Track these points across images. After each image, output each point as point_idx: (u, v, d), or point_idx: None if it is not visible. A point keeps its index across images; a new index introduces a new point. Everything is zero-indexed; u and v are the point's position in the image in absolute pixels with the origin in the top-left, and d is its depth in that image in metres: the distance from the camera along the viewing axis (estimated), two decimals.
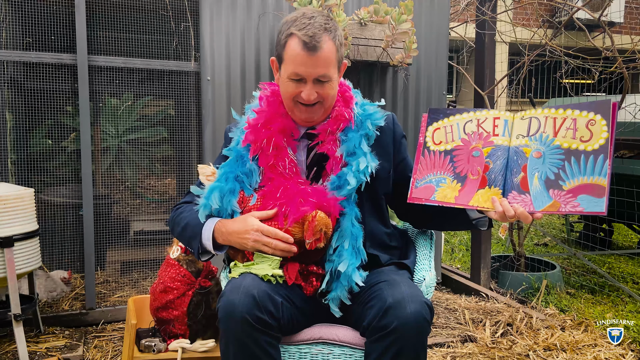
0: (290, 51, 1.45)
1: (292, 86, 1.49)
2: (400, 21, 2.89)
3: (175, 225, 1.60)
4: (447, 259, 4.59)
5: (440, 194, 1.45)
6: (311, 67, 1.45)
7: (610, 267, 4.36)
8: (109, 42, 3.04)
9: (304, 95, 1.48)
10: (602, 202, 1.26)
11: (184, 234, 1.56)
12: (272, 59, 1.57)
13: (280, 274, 1.42)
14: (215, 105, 2.93)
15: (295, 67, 1.45)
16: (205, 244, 1.50)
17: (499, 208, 1.35)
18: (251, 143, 1.54)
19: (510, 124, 1.42)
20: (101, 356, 2.48)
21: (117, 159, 3.47)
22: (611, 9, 7.50)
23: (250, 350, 1.32)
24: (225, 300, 1.34)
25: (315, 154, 1.57)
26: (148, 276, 3.17)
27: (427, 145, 1.50)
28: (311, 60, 1.44)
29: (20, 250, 2.35)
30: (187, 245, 1.58)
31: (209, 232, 1.49)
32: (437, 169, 1.48)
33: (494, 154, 1.42)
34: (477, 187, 1.41)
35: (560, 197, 1.31)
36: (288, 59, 1.47)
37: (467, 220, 1.52)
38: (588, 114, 1.33)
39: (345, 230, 1.49)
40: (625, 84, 3.10)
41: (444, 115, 1.51)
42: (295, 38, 1.45)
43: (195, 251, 1.53)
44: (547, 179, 1.34)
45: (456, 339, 2.66)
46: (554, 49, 3.53)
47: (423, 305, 1.33)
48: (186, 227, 1.54)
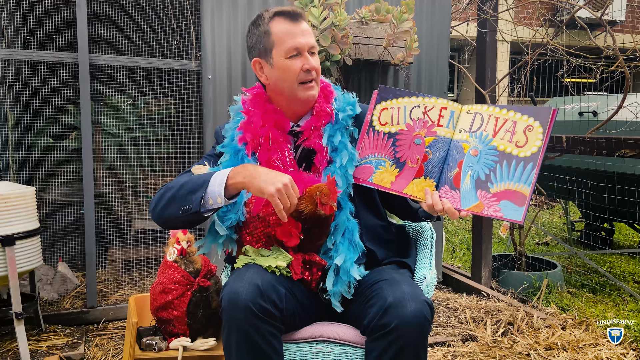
0: (278, 31, 1.51)
1: (294, 62, 1.51)
2: (402, 20, 2.89)
3: (167, 190, 1.46)
4: (448, 258, 4.59)
5: (377, 177, 1.46)
6: (302, 37, 1.51)
7: (611, 267, 4.36)
8: (110, 40, 3.04)
9: (307, 65, 1.51)
10: (521, 211, 1.27)
11: (180, 192, 1.42)
12: (254, 61, 1.58)
13: (284, 265, 1.42)
14: (216, 103, 2.93)
15: (291, 40, 1.50)
16: (212, 191, 1.37)
17: (429, 200, 1.38)
18: (248, 141, 1.55)
19: (456, 117, 1.42)
20: (102, 354, 2.48)
21: (118, 157, 3.47)
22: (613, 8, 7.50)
23: (253, 339, 1.31)
24: (229, 289, 1.34)
25: (302, 150, 1.58)
26: (149, 275, 3.18)
27: (373, 124, 1.49)
28: (300, 29, 1.51)
29: (21, 248, 2.35)
30: (181, 205, 1.41)
31: (222, 175, 1.39)
32: (379, 150, 1.48)
33: (435, 144, 1.42)
34: (413, 175, 1.42)
35: (485, 199, 1.32)
36: (279, 40, 1.51)
37: (413, 211, 1.55)
38: (528, 118, 1.33)
39: (340, 225, 1.50)
40: (626, 83, 3.10)
41: (393, 96, 1.48)
42: (277, 18, 1.51)
43: (194, 203, 1.38)
44: (478, 178, 1.35)
45: (457, 338, 2.66)
46: (555, 47, 3.53)
47: (423, 304, 1.33)
48: (186, 183, 1.42)
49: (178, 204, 1.42)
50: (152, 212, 1.50)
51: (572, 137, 3.03)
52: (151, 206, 1.50)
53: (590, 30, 3.44)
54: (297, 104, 1.57)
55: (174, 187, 1.45)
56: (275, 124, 1.56)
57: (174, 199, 1.44)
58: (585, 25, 3.42)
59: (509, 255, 3.89)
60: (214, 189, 1.38)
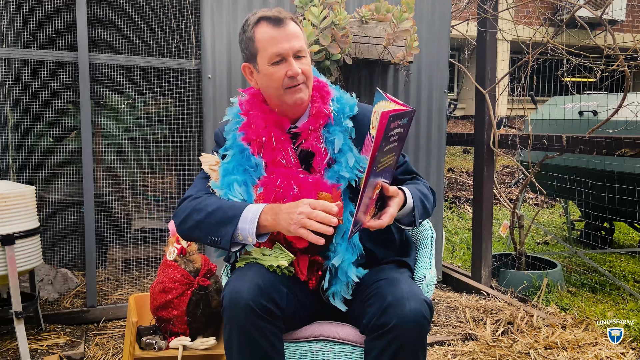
0: (261, 38, 1.49)
1: (277, 69, 1.49)
2: (402, 19, 2.89)
3: (194, 212, 1.44)
4: (447, 258, 4.59)
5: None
6: (286, 42, 1.48)
7: (611, 266, 4.36)
8: (109, 39, 3.04)
9: (291, 71, 1.48)
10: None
11: (209, 220, 1.40)
12: (243, 65, 1.57)
13: (286, 264, 1.42)
14: (216, 103, 2.93)
15: (273, 47, 1.48)
16: (242, 228, 1.37)
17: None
18: (251, 141, 1.54)
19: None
20: (102, 354, 2.48)
21: (118, 156, 3.47)
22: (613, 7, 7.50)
23: (254, 339, 1.31)
24: (230, 287, 1.34)
25: (301, 152, 1.57)
26: (149, 274, 3.18)
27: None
28: (283, 34, 1.48)
29: (21, 247, 2.35)
30: (210, 235, 1.40)
31: (255, 212, 1.38)
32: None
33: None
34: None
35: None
36: (262, 47, 1.49)
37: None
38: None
39: (339, 226, 1.49)
40: (626, 82, 3.09)
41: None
42: (261, 23, 1.49)
43: (224, 238, 1.37)
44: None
45: (457, 337, 2.66)
46: (555, 47, 3.52)
47: (422, 304, 1.33)
48: (215, 212, 1.40)
49: (206, 231, 1.42)
50: (178, 228, 1.49)
51: (572, 137, 3.03)
52: (176, 220, 1.49)
53: (591, 29, 3.43)
54: (287, 107, 1.56)
55: (202, 210, 1.43)
56: (275, 124, 1.55)
57: (202, 225, 1.42)
58: (585, 25, 3.42)
59: (509, 255, 3.89)
60: (245, 227, 1.37)
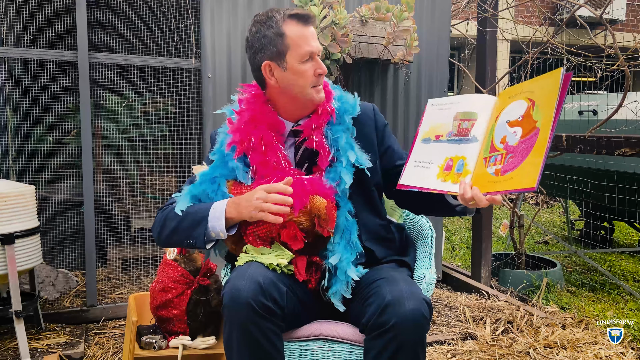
0: (293, 35, 1.49)
1: (308, 67, 1.51)
2: (402, 18, 2.89)
3: (168, 220, 1.50)
4: (447, 257, 4.59)
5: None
6: (315, 41, 1.53)
7: (611, 265, 4.36)
8: (109, 39, 3.04)
9: (320, 69, 1.53)
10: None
11: (180, 226, 1.47)
12: (265, 63, 1.53)
13: (285, 263, 1.42)
14: (216, 102, 2.93)
15: (306, 45, 1.50)
16: (212, 226, 1.43)
17: (460, 191, 1.31)
18: (237, 144, 1.53)
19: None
20: (102, 353, 2.48)
21: (118, 156, 3.47)
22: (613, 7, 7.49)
23: (254, 337, 1.31)
24: (230, 285, 1.34)
25: (304, 150, 1.57)
26: (149, 273, 3.18)
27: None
28: (311, 32, 1.52)
29: (21, 247, 2.35)
30: (186, 238, 1.47)
31: (221, 209, 1.44)
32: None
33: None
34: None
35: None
36: (294, 44, 1.49)
37: (449, 206, 1.49)
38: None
39: (339, 225, 1.50)
40: (626, 82, 3.09)
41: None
42: (292, 20, 1.50)
43: (198, 239, 1.45)
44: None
45: (457, 336, 2.66)
46: (555, 46, 3.53)
47: (422, 303, 1.33)
48: (186, 217, 1.47)
49: (182, 236, 1.48)
50: (158, 240, 1.54)
51: (572, 136, 3.03)
52: (154, 233, 1.54)
53: (591, 28, 3.44)
54: (303, 105, 1.56)
55: (173, 218, 1.49)
56: (268, 126, 1.54)
57: (177, 231, 1.48)
58: (585, 24, 3.42)
59: (509, 254, 3.89)
60: (215, 224, 1.44)
